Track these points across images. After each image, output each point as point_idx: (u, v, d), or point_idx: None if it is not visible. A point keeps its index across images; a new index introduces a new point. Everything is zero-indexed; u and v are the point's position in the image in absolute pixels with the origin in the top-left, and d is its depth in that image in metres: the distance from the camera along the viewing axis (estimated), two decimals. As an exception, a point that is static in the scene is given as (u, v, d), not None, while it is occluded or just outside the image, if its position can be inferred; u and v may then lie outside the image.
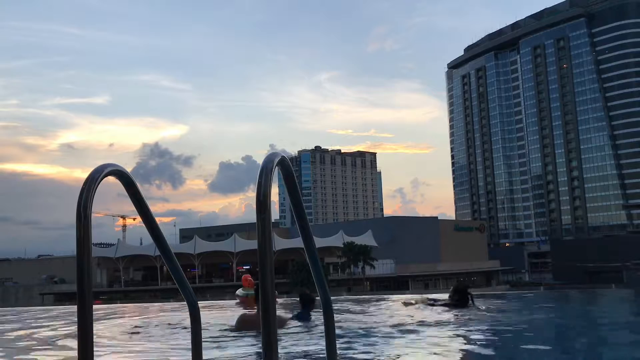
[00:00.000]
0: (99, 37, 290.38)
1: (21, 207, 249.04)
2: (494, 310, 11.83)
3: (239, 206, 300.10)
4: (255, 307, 9.82)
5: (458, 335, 7.74)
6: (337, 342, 2.86)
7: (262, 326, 1.91)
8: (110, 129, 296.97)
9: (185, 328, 7.99)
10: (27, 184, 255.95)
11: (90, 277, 2.05)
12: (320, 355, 5.59)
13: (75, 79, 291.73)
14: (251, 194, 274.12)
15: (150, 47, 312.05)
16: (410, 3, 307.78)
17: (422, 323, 8.85)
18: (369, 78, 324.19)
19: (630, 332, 8.29)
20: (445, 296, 11.81)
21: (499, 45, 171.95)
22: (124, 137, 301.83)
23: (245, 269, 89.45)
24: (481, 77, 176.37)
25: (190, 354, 3.08)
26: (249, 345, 6.85)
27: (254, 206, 1.99)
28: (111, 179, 2.32)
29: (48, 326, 10.99)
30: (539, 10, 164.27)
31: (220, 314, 12.45)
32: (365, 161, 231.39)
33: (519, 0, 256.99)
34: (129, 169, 2.47)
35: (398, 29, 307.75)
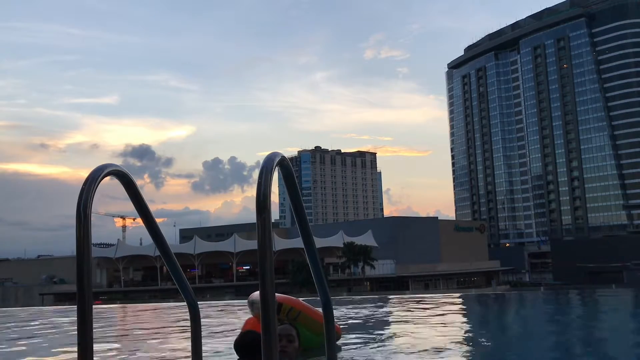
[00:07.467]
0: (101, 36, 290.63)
1: (21, 206, 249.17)
2: None
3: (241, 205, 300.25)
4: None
5: None
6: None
7: (262, 327, 1.90)
8: (114, 129, 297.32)
9: None
10: (31, 183, 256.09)
11: (90, 277, 2.05)
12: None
13: (79, 79, 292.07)
14: (250, 194, 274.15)
15: (154, 47, 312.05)
16: (410, 3, 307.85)
17: None
18: (368, 79, 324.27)
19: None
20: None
21: (499, 45, 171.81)
22: (123, 138, 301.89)
23: (245, 269, 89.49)
24: (481, 77, 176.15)
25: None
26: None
27: (254, 206, 2.00)
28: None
29: None
30: (539, 10, 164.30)
31: None
32: (365, 161, 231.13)
33: (519, 0, 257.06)
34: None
35: (397, 29, 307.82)
